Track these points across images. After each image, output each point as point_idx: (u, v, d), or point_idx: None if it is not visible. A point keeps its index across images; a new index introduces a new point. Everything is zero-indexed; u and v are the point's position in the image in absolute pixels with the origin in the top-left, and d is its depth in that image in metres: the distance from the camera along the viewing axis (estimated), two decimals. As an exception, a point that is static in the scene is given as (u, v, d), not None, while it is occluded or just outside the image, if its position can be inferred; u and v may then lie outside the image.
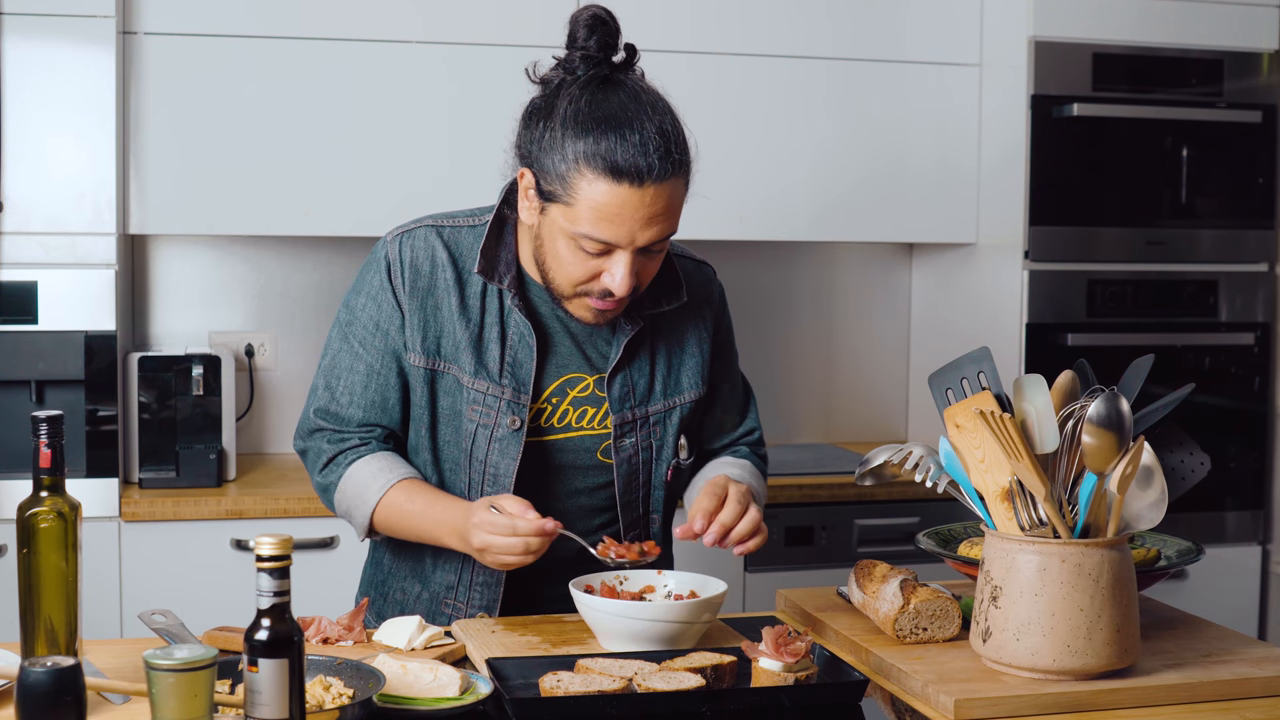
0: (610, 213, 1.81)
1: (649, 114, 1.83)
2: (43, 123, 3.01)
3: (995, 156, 3.50)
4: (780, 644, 1.62)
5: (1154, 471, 1.72)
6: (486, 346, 1.97)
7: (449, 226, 2.01)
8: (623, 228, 1.82)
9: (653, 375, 2.03)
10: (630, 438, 2.01)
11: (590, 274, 1.87)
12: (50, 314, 3.01)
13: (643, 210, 1.81)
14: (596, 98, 1.83)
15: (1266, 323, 3.57)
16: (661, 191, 1.82)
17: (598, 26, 1.86)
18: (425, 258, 1.98)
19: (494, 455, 1.96)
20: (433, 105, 3.27)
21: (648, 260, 1.89)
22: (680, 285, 2.05)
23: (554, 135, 1.83)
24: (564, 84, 1.86)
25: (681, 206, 1.88)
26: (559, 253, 1.87)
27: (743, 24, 3.41)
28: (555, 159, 1.83)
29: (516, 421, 1.96)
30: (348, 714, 1.46)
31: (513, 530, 1.80)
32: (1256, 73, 3.51)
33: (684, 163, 1.86)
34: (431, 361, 1.97)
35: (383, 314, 1.98)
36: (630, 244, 1.83)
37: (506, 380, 1.96)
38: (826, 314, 3.90)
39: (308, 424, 2.02)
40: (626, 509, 2.03)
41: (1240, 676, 1.68)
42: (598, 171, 1.80)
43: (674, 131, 1.85)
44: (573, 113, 1.82)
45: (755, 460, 2.17)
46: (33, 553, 1.54)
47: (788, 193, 3.47)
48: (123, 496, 3.04)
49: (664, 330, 2.05)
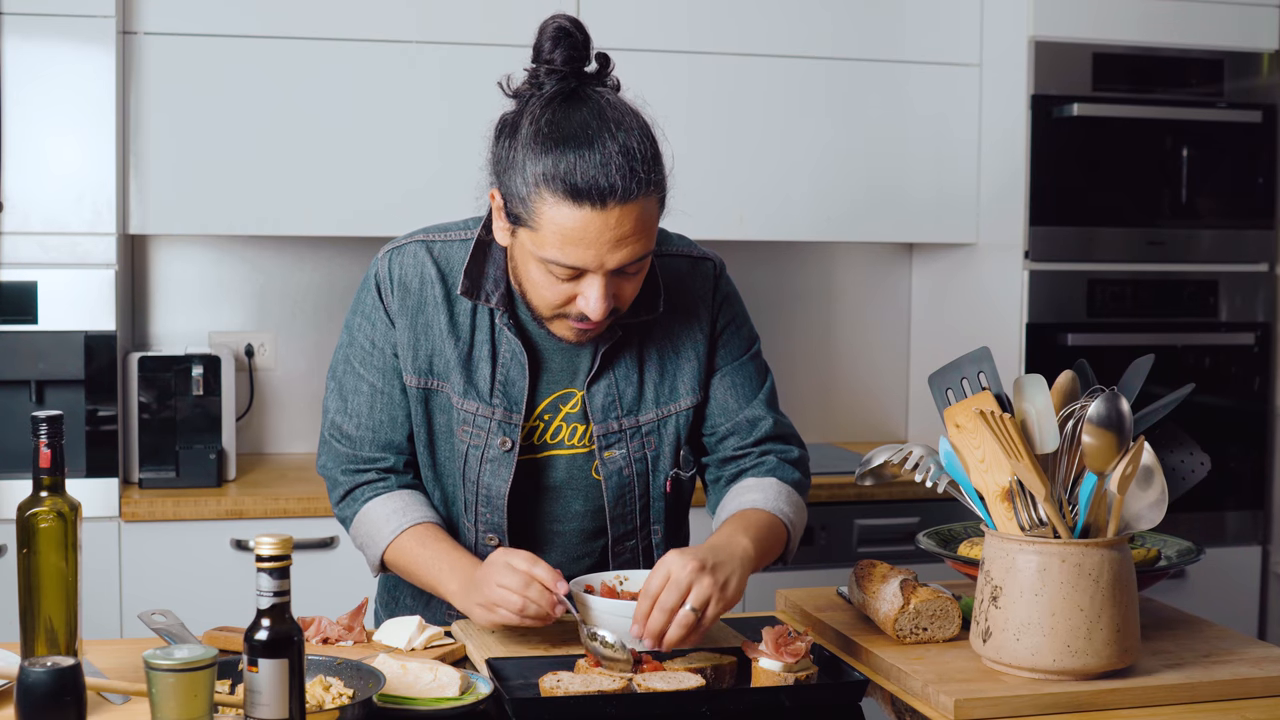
0: (574, 236, 1.72)
1: (611, 131, 1.72)
2: (43, 123, 3.01)
3: (995, 157, 3.50)
4: (780, 644, 1.62)
5: (1154, 471, 1.72)
6: (477, 366, 1.92)
7: (440, 241, 1.95)
8: (589, 251, 1.73)
9: (642, 383, 1.96)
10: (619, 448, 1.96)
11: (565, 297, 1.79)
12: (50, 314, 3.01)
13: (608, 233, 1.72)
14: (558, 115, 1.74)
15: (1266, 323, 3.57)
16: (628, 212, 1.72)
17: (563, 38, 1.76)
18: (414, 275, 1.93)
19: (486, 476, 1.93)
20: (433, 105, 3.27)
21: (624, 281, 1.80)
22: (658, 295, 1.94)
23: (516, 156, 1.75)
24: (530, 100, 1.78)
25: (655, 225, 1.79)
26: (532, 276, 1.80)
27: (742, 24, 3.41)
28: (518, 181, 1.75)
29: (508, 443, 1.92)
30: (348, 714, 1.46)
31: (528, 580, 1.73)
32: (1256, 73, 3.51)
33: (652, 180, 1.74)
34: (424, 380, 1.94)
35: (377, 333, 1.95)
36: (600, 268, 1.74)
37: (498, 400, 1.92)
38: (826, 314, 3.90)
39: (325, 445, 2.00)
40: (617, 522, 1.98)
41: (1240, 676, 1.68)
42: (557, 194, 1.71)
43: (640, 148, 1.73)
44: (533, 132, 1.74)
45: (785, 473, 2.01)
46: (33, 553, 1.54)
47: (788, 193, 3.47)
48: (123, 496, 3.04)
49: (655, 337, 1.97)
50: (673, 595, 1.68)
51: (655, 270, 1.95)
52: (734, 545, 1.81)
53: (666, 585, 1.69)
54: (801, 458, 2.05)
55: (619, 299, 1.81)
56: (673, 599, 1.68)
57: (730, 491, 2.00)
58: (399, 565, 1.93)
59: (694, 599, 1.69)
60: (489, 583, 1.74)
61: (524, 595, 1.72)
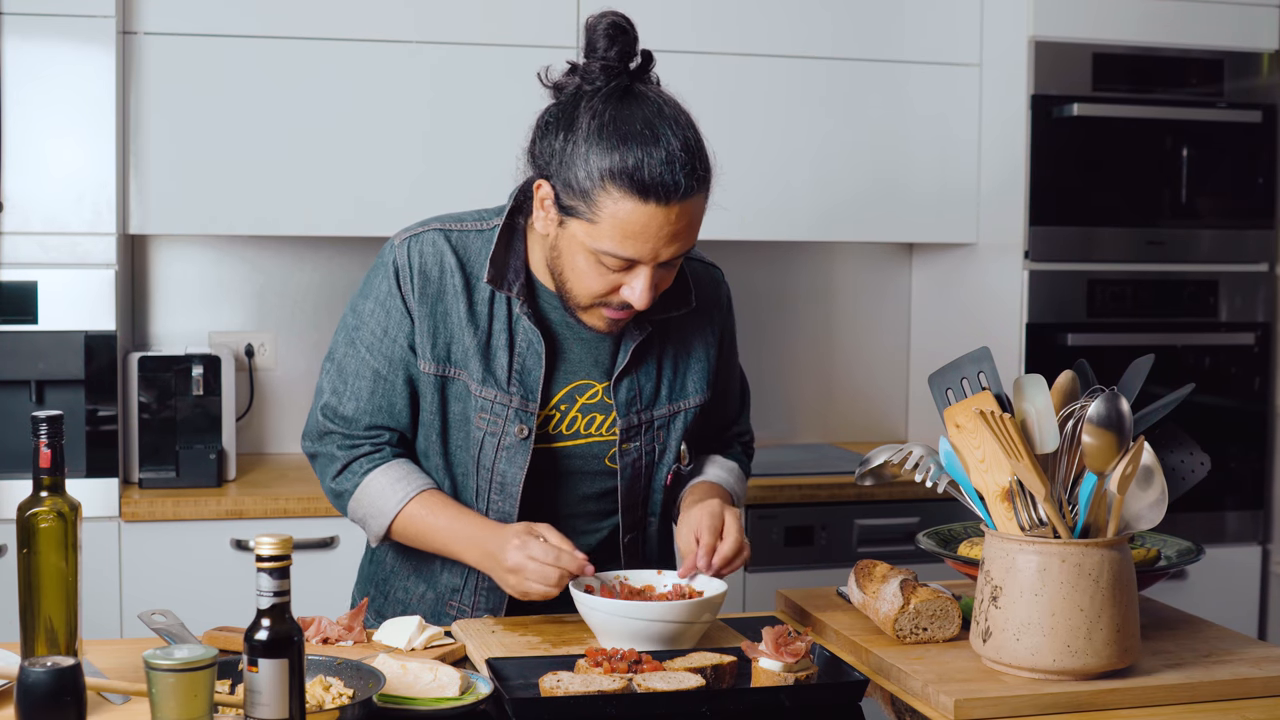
0: (635, 230, 1.77)
1: (673, 128, 1.78)
2: (43, 123, 3.01)
3: (995, 156, 3.50)
4: (780, 644, 1.62)
5: (1154, 471, 1.72)
6: (495, 353, 1.94)
7: (456, 230, 1.97)
8: (647, 245, 1.78)
9: (659, 380, 2.02)
10: (635, 441, 2.00)
11: (610, 287, 1.84)
12: (50, 314, 3.01)
13: (668, 228, 1.78)
14: (620, 112, 1.78)
15: (1266, 323, 3.57)
16: (686, 208, 1.79)
17: (618, 36, 1.82)
18: (434, 262, 1.95)
19: (501, 464, 1.95)
20: (434, 105, 3.27)
21: (666, 273, 1.86)
22: (689, 291, 2.02)
23: (576, 149, 1.78)
24: (583, 94, 1.81)
25: (702, 219, 1.85)
26: (578, 266, 1.84)
27: (743, 24, 3.41)
28: (579, 174, 1.78)
29: (524, 430, 1.94)
30: (348, 714, 1.46)
31: (556, 560, 1.80)
32: (1256, 73, 3.51)
33: (707, 178, 1.82)
34: (442, 368, 1.95)
35: (391, 320, 1.96)
36: (653, 260, 1.80)
37: (515, 388, 1.94)
38: (826, 314, 3.90)
39: (316, 426, 2.01)
40: (628, 512, 2.02)
41: (1240, 676, 1.68)
42: (624, 189, 1.75)
43: (697, 146, 1.80)
44: (596, 127, 1.77)
45: (744, 462, 2.19)
46: (33, 553, 1.54)
47: (788, 193, 3.47)
48: (123, 496, 3.04)
49: (672, 335, 2.03)
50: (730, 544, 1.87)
51: (684, 268, 2.01)
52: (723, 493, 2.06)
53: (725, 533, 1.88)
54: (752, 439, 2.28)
55: (658, 289, 1.87)
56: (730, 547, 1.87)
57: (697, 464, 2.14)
58: (408, 534, 1.96)
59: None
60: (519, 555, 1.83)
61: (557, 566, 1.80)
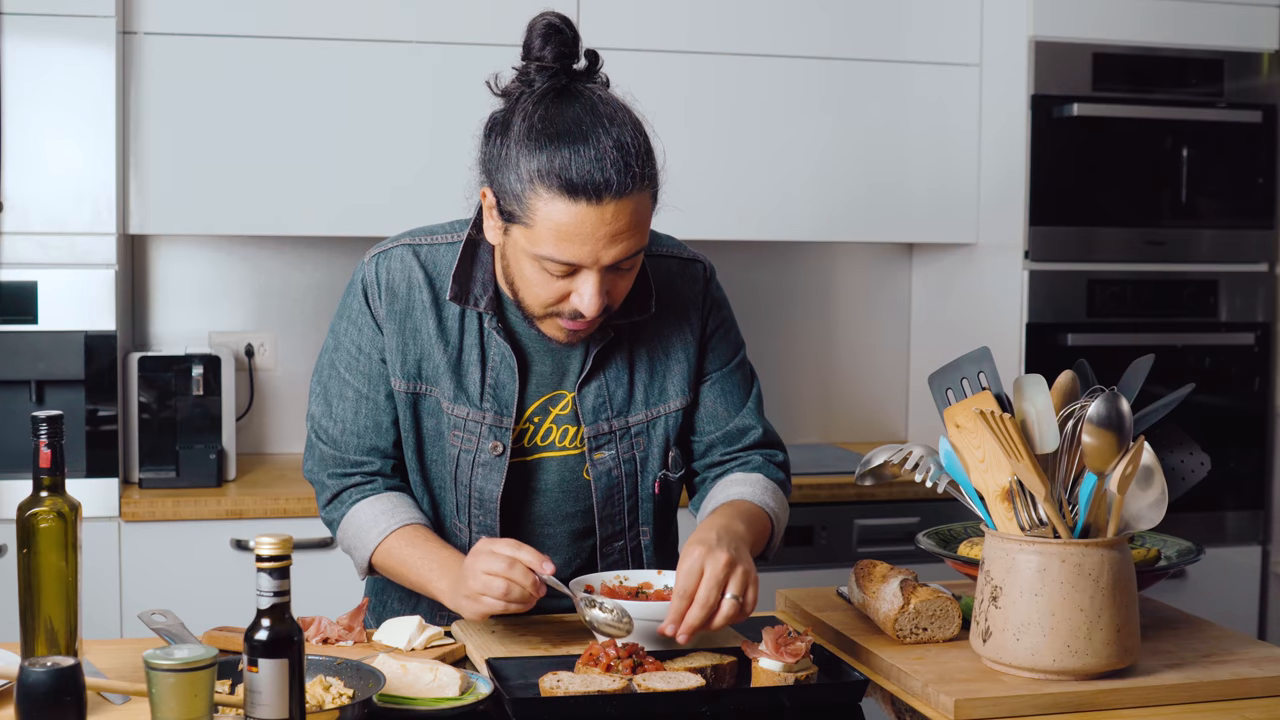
0: (569, 232, 1.72)
1: (605, 126, 1.73)
2: (43, 123, 3.01)
3: (995, 156, 3.50)
4: (780, 644, 1.62)
5: (1154, 471, 1.72)
6: (466, 370, 1.92)
7: (426, 245, 1.95)
8: (584, 247, 1.73)
9: (632, 384, 1.97)
10: (609, 449, 1.96)
11: (559, 295, 1.79)
12: (50, 314, 3.01)
13: (604, 228, 1.72)
14: (551, 111, 1.74)
15: (1266, 323, 3.57)
16: (623, 207, 1.73)
17: (553, 35, 1.77)
18: (401, 279, 1.93)
19: (478, 480, 1.93)
20: (433, 105, 3.27)
21: (618, 277, 1.80)
22: (650, 295, 1.95)
23: (509, 153, 1.75)
24: (520, 97, 1.78)
25: (648, 220, 1.80)
26: (525, 274, 1.80)
27: (742, 24, 3.41)
28: (511, 177, 1.75)
29: (499, 447, 1.92)
30: (348, 714, 1.46)
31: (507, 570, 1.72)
32: (1256, 73, 3.51)
33: (646, 175, 1.75)
34: (413, 385, 1.94)
35: (364, 338, 1.95)
36: (595, 263, 1.75)
37: (488, 404, 1.92)
38: (826, 314, 3.90)
39: (311, 448, 2.01)
40: (605, 523, 1.98)
41: (1240, 676, 1.68)
42: (552, 189, 1.71)
43: (634, 143, 1.74)
44: (526, 129, 1.74)
45: (770, 471, 2.05)
46: (33, 553, 1.54)
47: (787, 193, 3.47)
48: (123, 496, 3.04)
49: (646, 337, 1.98)
50: (714, 593, 1.70)
51: (646, 270, 1.95)
52: (735, 531, 1.82)
53: (702, 582, 1.70)
54: (785, 462, 2.09)
55: (612, 296, 1.81)
56: (714, 596, 1.70)
57: (718, 484, 2.02)
58: (387, 567, 1.93)
59: (734, 588, 1.71)
60: (474, 572, 1.74)
61: (507, 577, 1.72)
